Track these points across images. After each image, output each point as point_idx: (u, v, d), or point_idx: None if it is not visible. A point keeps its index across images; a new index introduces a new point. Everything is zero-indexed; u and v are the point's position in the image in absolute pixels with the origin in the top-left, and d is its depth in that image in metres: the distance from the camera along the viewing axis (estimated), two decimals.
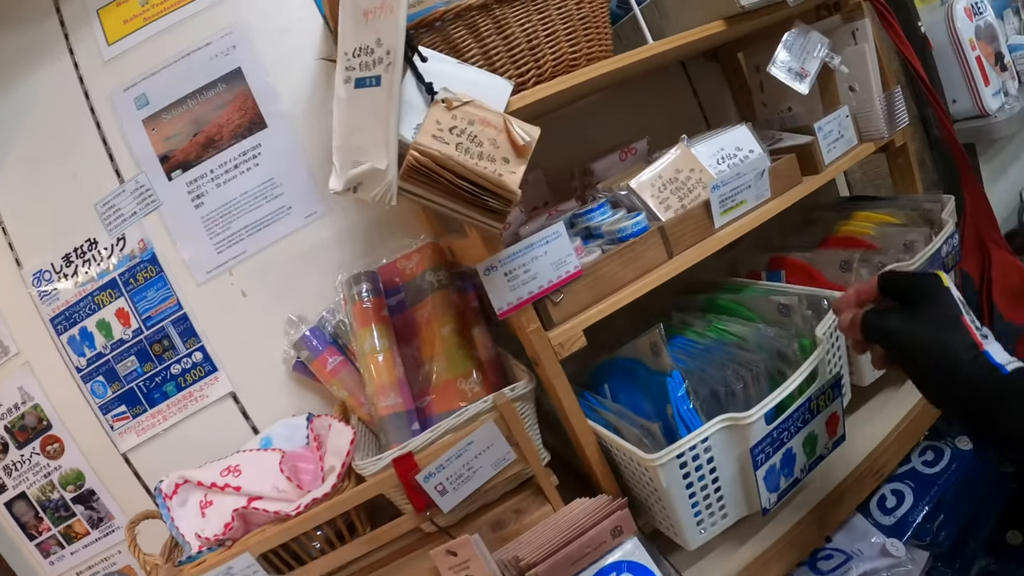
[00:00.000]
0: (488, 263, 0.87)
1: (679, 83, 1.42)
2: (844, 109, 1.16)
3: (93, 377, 1.26)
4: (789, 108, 1.29)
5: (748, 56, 1.36)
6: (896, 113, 1.19)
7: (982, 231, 1.20)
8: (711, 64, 1.43)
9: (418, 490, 0.93)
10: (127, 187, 1.22)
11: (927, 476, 1.19)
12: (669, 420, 0.92)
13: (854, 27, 1.17)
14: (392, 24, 0.79)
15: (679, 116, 1.40)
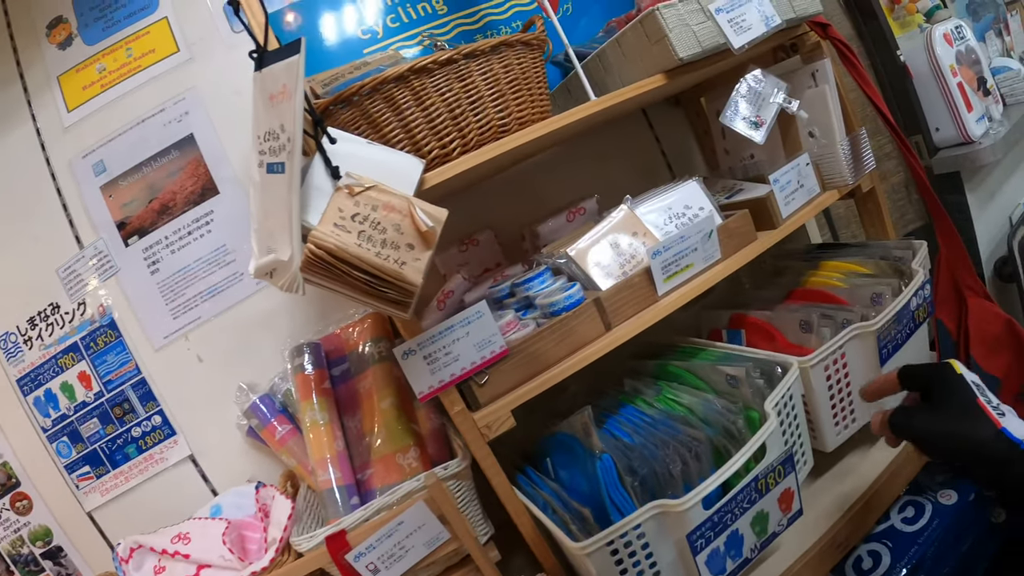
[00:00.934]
0: (406, 347, 0.84)
1: (640, 131, 1.36)
2: (804, 157, 1.09)
3: (58, 437, 1.27)
4: (752, 155, 1.23)
5: (710, 101, 1.29)
6: (862, 157, 1.12)
7: (958, 277, 1.12)
8: (674, 110, 1.37)
9: (349, 570, 0.90)
10: (86, 252, 1.23)
11: (907, 535, 1.11)
12: (605, 504, 0.87)
13: (814, 68, 1.10)
14: (290, 109, 0.76)
15: (641, 165, 1.34)
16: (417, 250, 0.75)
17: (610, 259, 0.98)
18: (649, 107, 1.36)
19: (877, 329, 0.99)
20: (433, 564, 0.98)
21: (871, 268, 1.13)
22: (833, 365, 0.99)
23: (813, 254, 1.26)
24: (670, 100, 1.36)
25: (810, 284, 1.17)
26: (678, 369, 1.06)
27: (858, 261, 1.16)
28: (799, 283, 1.19)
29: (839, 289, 1.13)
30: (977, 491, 1.15)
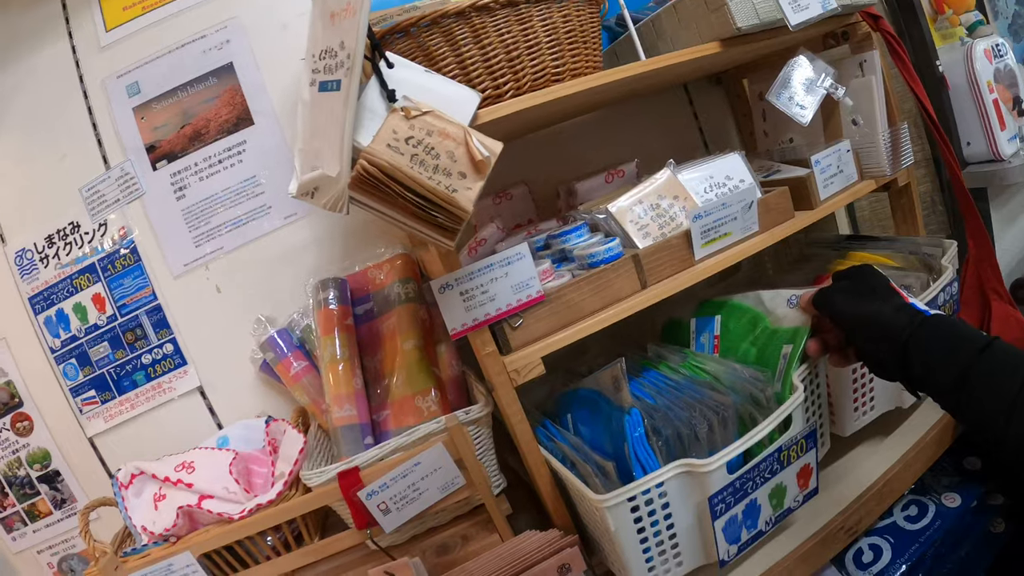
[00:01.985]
0: (444, 280, 0.81)
1: (680, 106, 1.34)
2: (845, 143, 1.08)
3: (66, 359, 1.23)
4: (791, 139, 1.21)
5: (752, 83, 1.28)
6: (901, 151, 1.10)
7: (984, 280, 1.10)
8: (715, 89, 1.35)
9: (360, 507, 0.87)
10: (112, 173, 1.19)
11: (908, 532, 1.10)
12: (626, 459, 0.85)
13: (862, 58, 1.09)
14: (353, 26, 0.73)
15: (678, 140, 1.32)
16: (469, 179, 0.72)
17: (649, 219, 0.96)
18: (690, 83, 1.34)
19: None
20: (442, 511, 0.96)
21: (900, 262, 1.12)
22: None
23: (842, 244, 1.25)
24: (711, 78, 1.34)
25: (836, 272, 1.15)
26: None
27: (887, 254, 1.14)
28: (826, 270, 1.17)
29: None
30: (979, 497, 1.14)
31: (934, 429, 1.04)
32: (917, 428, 1.05)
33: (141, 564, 0.94)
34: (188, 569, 0.94)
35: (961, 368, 0.66)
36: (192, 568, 0.94)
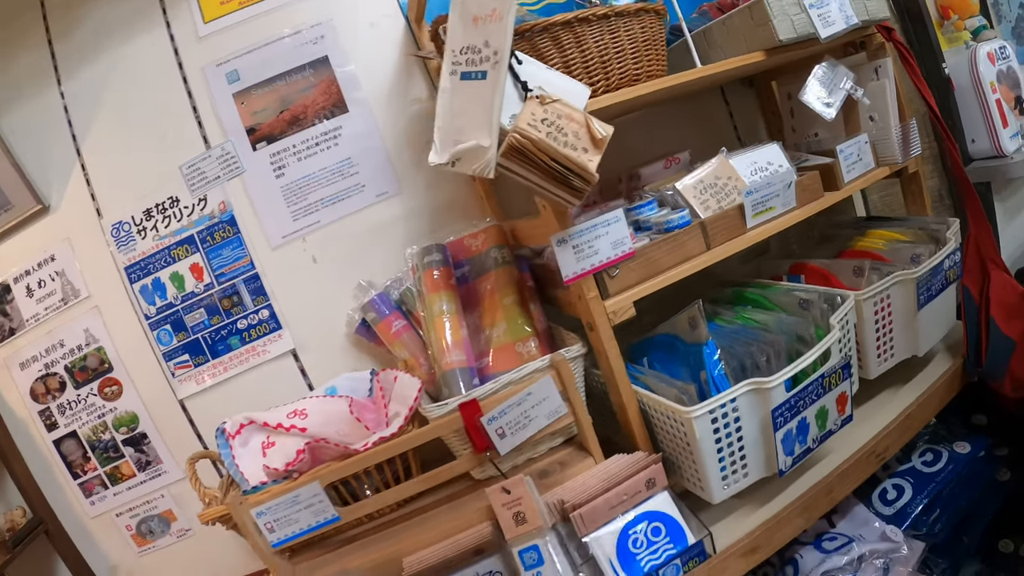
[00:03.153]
0: (561, 235, 1.16)
1: (717, 106, 1.75)
2: (864, 136, 1.47)
3: (160, 325, 1.54)
4: (815, 133, 1.61)
5: (781, 85, 1.68)
6: (910, 142, 1.51)
7: (983, 252, 1.49)
8: (747, 91, 1.76)
9: (480, 432, 1.19)
10: (213, 153, 1.51)
11: (926, 474, 1.50)
12: (702, 385, 1.20)
13: (877, 64, 1.49)
14: (501, 30, 1.08)
15: (715, 135, 1.72)
16: (591, 153, 1.08)
17: (708, 195, 1.33)
18: (726, 85, 1.74)
19: (917, 277, 1.36)
20: (542, 440, 1.29)
21: (911, 236, 1.52)
22: (881, 303, 1.36)
23: (861, 224, 1.65)
24: (744, 81, 1.75)
25: (857, 247, 1.55)
26: (753, 294, 1.41)
27: (899, 231, 1.54)
28: (847, 246, 1.56)
29: (883, 251, 1.51)
30: (986, 448, 1.53)
31: (945, 375, 1.45)
32: (931, 374, 1.47)
33: (266, 498, 1.22)
34: (315, 499, 1.23)
35: None
36: (319, 498, 1.23)
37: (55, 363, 1.60)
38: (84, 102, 1.55)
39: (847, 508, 1.47)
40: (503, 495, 1.18)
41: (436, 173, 1.55)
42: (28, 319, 1.61)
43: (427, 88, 1.56)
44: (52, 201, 1.58)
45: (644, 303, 1.22)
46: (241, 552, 1.68)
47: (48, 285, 1.58)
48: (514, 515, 1.16)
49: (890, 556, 1.36)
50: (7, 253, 1.61)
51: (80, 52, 1.54)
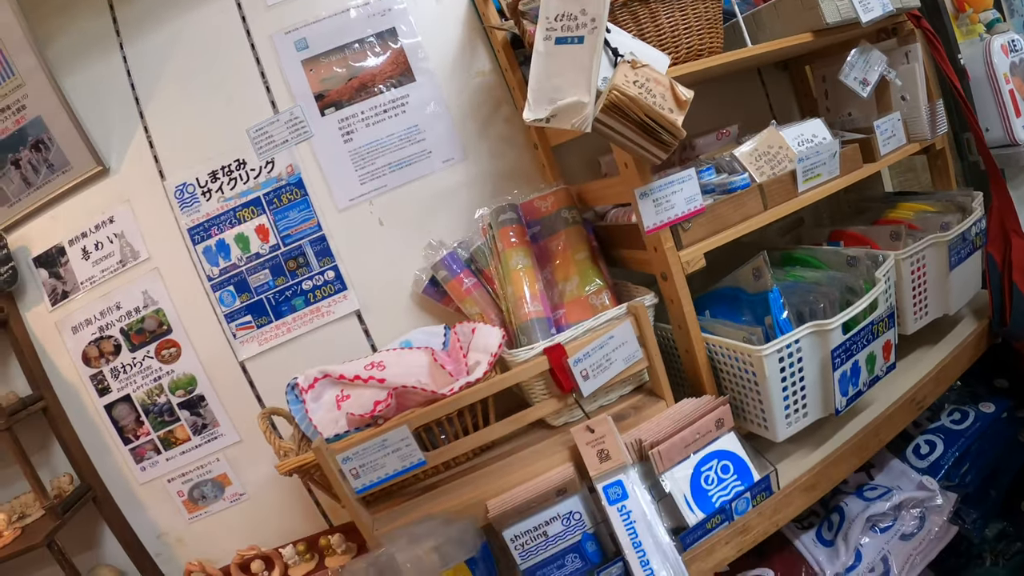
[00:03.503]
0: (643, 189, 1.32)
1: (755, 87, 1.95)
2: (896, 114, 1.68)
3: (223, 287, 1.65)
4: (849, 113, 1.81)
5: (816, 68, 1.89)
6: (938, 121, 1.72)
7: (1006, 222, 1.70)
8: (782, 73, 1.96)
9: (567, 373, 1.33)
10: (281, 117, 1.63)
11: (955, 431, 1.70)
12: (768, 330, 1.37)
13: (907, 49, 1.70)
14: None
15: (752, 114, 1.91)
16: (675, 113, 1.24)
17: (763, 162, 1.51)
18: (763, 69, 1.94)
19: (949, 240, 1.57)
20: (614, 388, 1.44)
21: (938, 207, 1.72)
22: (917, 263, 1.55)
23: (890, 198, 1.86)
24: (779, 64, 1.95)
25: (889, 217, 1.75)
26: (802, 254, 1.60)
27: (927, 203, 1.75)
28: (879, 216, 1.76)
29: (913, 220, 1.71)
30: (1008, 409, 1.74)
31: (973, 334, 1.67)
32: (960, 333, 1.68)
33: (350, 444, 1.33)
34: (402, 443, 1.34)
35: None
36: (406, 442, 1.34)
37: (110, 326, 1.69)
38: (148, 67, 1.66)
39: (884, 462, 1.67)
40: (588, 433, 1.32)
41: (499, 141, 1.71)
42: (83, 282, 1.70)
43: (490, 61, 1.71)
44: (112, 163, 1.68)
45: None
46: (293, 517, 1.79)
47: (106, 247, 1.68)
48: (598, 452, 1.30)
49: (926, 505, 1.56)
50: (63, 215, 1.71)
51: (143, 19, 1.66)
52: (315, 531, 1.80)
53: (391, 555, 1.24)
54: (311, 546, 1.72)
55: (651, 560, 1.22)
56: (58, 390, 1.74)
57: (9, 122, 1.65)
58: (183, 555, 1.85)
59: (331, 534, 1.68)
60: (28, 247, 1.74)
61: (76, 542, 1.82)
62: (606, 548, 1.31)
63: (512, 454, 1.45)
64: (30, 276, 1.75)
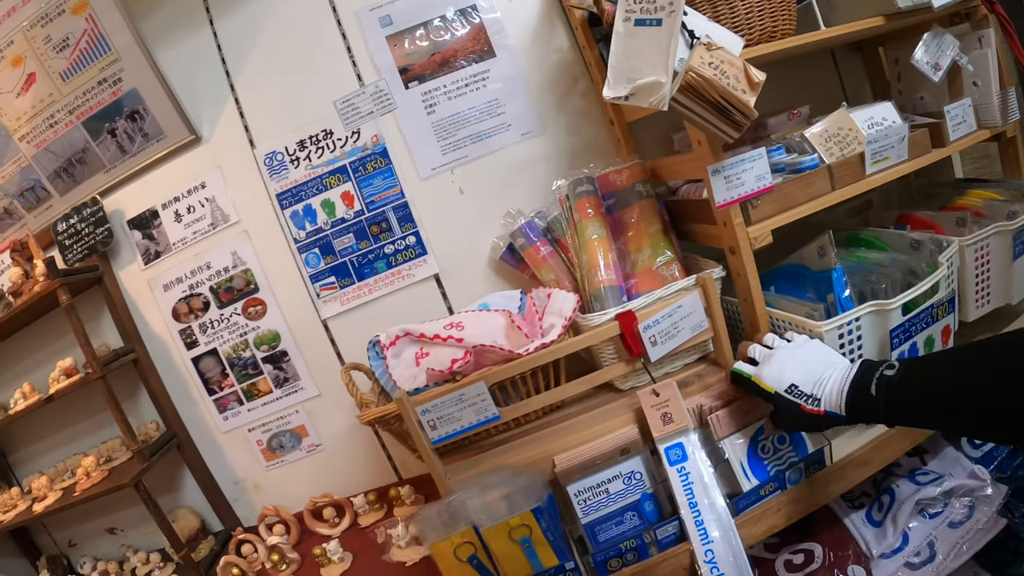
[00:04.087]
0: (716, 166, 1.52)
1: (828, 69, 2.13)
2: (967, 100, 1.85)
3: (309, 249, 1.90)
4: (921, 97, 1.99)
5: (889, 50, 2.06)
6: (1009, 108, 1.89)
7: None
8: (855, 55, 2.14)
9: (637, 338, 1.55)
10: (367, 89, 1.87)
11: None
12: (829, 307, 1.57)
13: (981, 34, 1.86)
14: None
15: (825, 96, 2.09)
16: (748, 94, 1.44)
17: (832, 143, 1.70)
18: (836, 51, 2.12)
19: (1014, 229, 1.73)
20: (680, 356, 1.65)
21: (1007, 196, 1.89)
22: (981, 251, 1.72)
23: (961, 185, 2.03)
24: (853, 46, 2.13)
25: (957, 203, 1.93)
26: (867, 235, 1.78)
27: (996, 191, 1.92)
28: (948, 202, 1.94)
29: (980, 207, 1.88)
30: None
31: None
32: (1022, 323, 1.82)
33: (429, 397, 1.56)
34: (478, 398, 1.57)
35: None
36: (482, 397, 1.56)
37: (200, 284, 1.97)
38: (237, 41, 1.92)
39: (938, 449, 1.81)
40: (653, 397, 1.53)
41: (576, 116, 1.92)
42: (175, 243, 1.98)
43: (568, 39, 1.91)
44: (204, 132, 1.95)
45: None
46: (365, 469, 2.06)
47: (197, 211, 1.95)
48: (662, 415, 1.51)
49: (976, 495, 1.67)
50: (157, 180, 2.00)
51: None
52: (386, 483, 2.07)
53: (463, 501, 1.45)
54: (381, 496, 2.00)
55: (705, 520, 1.41)
56: (148, 343, 2.05)
57: (106, 94, 1.92)
58: (259, 500, 2.16)
59: (401, 486, 1.95)
60: (123, 210, 2.03)
61: (159, 485, 2.13)
62: (663, 509, 1.50)
63: (580, 414, 1.66)
64: (124, 237, 2.04)
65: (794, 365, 1.40)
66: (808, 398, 1.32)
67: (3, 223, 2.13)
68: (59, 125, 1.95)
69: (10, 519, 2.10)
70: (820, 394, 1.31)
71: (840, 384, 1.28)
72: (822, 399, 1.30)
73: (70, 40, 1.86)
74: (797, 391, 1.34)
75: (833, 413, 1.27)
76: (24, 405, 1.99)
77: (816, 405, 1.30)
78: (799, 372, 1.37)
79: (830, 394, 1.29)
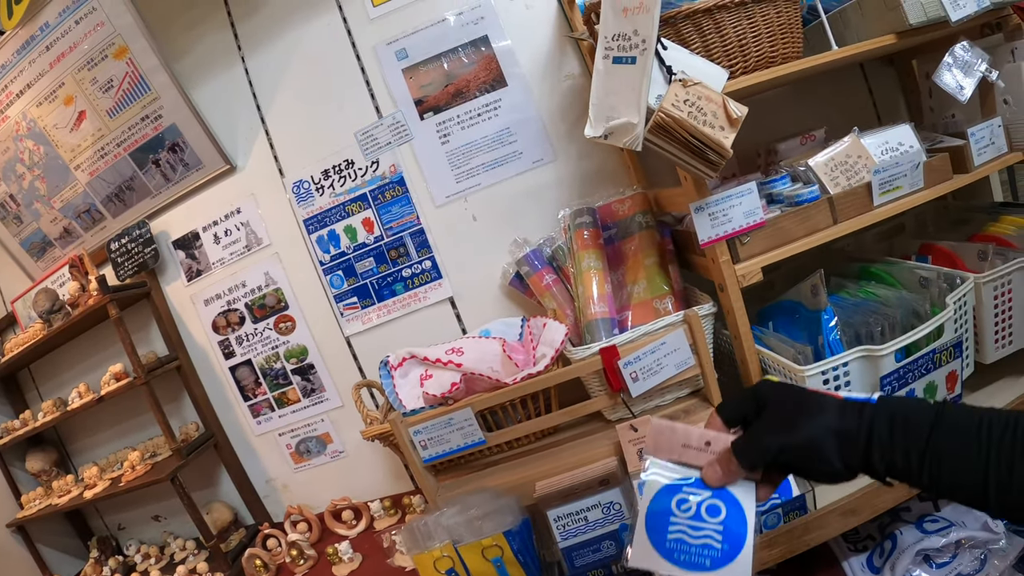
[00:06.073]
0: (699, 203, 1.50)
1: (857, 83, 2.05)
2: (997, 119, 1.73)
3: (333, 271, 2.02)
4: (952, 114, 1.87)
5: (921, 64, 1.95)
6: None
7: None
8: (887, 69, 2.04)
9: (617, 373, 1.56)
10: (385, 121, 1.95)
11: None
12: (819, 349, 1.52)
13: (1014, 46, 1.73)
14: (648, 21, 1.41)
15: (854, 112, 2.01)
16: (727, 131, 1.41)
17: (838, 172, 1.64)
18: (866, 63, 2.02)
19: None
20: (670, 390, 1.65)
21: None
22: (1001, 287, 1.62)
23: (995, 209, 1.90)
24: (884, 59, 2.02)
25: (988, 231, 1.81)
26: (878, 269, 1.71)
27: None
28: (979, 230, 1.83)
29: (1012, 236, 1.76)
30: None
31: None
32: None
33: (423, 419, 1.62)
34: (466, 423, 1.63)
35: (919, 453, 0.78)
36: (469, 422, 1.62)
37: (236, 300, 2.13)
38: (266, 77, 2.05)
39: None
40: (631, 432, 1.54)
41: (587, 144, 1.90)
42: (214, 262, 2.15)
43: (579, 65, 1.93)
44: (239, 162, 2.10)
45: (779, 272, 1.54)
46: (384, 476, 2.19)
47: (234, 234, 2.11)
48: (639, 451, 1.52)
49: (988, 547, 1.57)
50: (198, 206, 2.16)
51: (259, 34, 2.04)
52: (401, 491, 2.20)
53: (444, 517, 1.54)
54: (395, 503, 2.14)
55: None
56: (191, 352, 2.25)
57: (148, 129, 2.09)
58: (287, 499, 2.34)
59: (414, 495, 2.07)
60: (168, 232, 2.22)
61: (196, 480, 2.36)
62: None
63: (570, 441, 1.71)
64: (169, 256, 2.23)
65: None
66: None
67: (64, 240, 2.36)
68: (109, 156, 2.14)
69: (64, 503, 2.37)
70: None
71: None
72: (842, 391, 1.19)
73: (114, 81, 2.03)
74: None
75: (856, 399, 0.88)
76: (79, 403, 2.23)
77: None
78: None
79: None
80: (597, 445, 1.62)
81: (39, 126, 2.18)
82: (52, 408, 2.36)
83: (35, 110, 2.16)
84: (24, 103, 2.17)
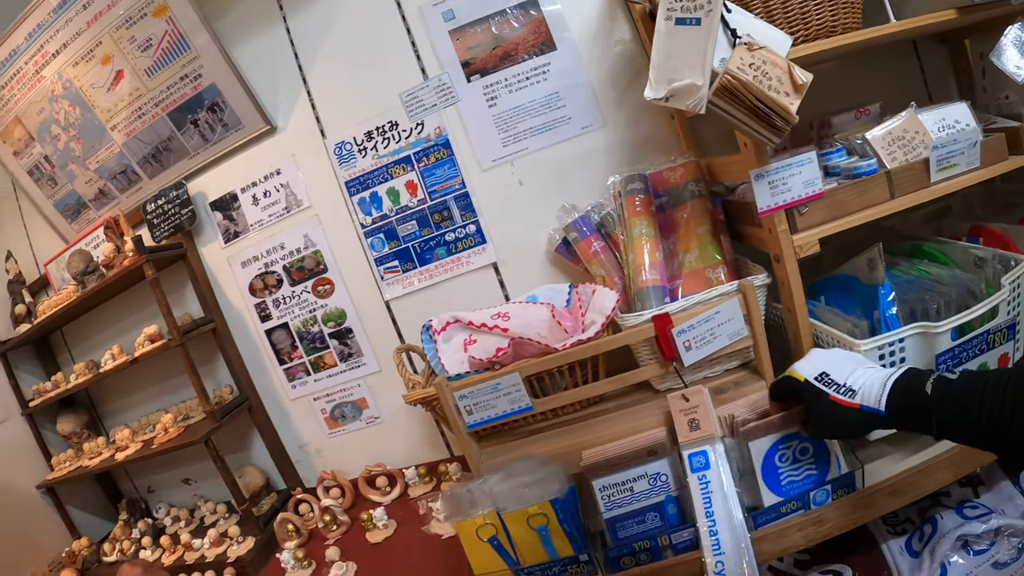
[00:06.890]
0: (759, 171, 1.48)
1: (909, 60, 2.03)
2: None
3: (375, 234, 2.00)
4: (1006, 96, 1.85)
5: (974, 43, 1.93)
6: None
7: None
8: (940, 47, 2.01)
9: (670, 341, 1.55)
10: (430, 83, 1.92)
11: None
12: (875, 324, 1.51)
13: None
14: None
15: (905, 89, 1.98)
16: (791, 96, 1.39)
17: (896, 147, 1.62)
18: (919, 41, 2.00)
19: None
20: (720, 360, 1.63)
21: None
22: None
23: None
24: (937, 37, 2.00)
25: None
26: (931, 248, 1.70)
27: None
28: None
29: None
30: None
31: None
32: None
33: (467, 383, 1.60)
34: (513, 388, 1.61)
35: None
36: (517, 387, 1.61)
37: (274, 263, 2.12)
38: (309, 37, 2.03)
39: (994, 482, 1.67)
40: (682, 401, 1.52)
41: (637, 110, 1.91)
42: (252, 224, 2.14)
43: (631, 30, 1.90)
44: (279, 122, 2.09)
45: (832, 245, 1.52)
46: (418, 443, 2.19)
47: (273, 195, 2.09)
48: (689, 421, 1.49)
49: None
50: (236, 167, 2.15)
51: None
52: (436, 458, 2.19)
53: (488, 484, 1.52)
54: (431, 470, 2.12)
55: (720, 531, 1.37)
56: (226, 315, 2.24)
57: (188, 88, 2.07)
58: (320, 464, 2.34)
59: (450, 463, 2.06)
60: (206, 193, 2.21)
61: (230, 444, 2.35)
62: (687, 513, 1.48)
63: (617, 411, 1.69)
64: (206, 218, 2.22)
65: (830, 357, 1.36)
66: (839, 387, 1.26)
67: (99, 202, 2.35)
68: (147, 116, 2.12)
69: (95, 464, 2.37)
70: (856, 385, 1.24)
71: (883, 380, 1.20)
72: (858, 392, 1.22)
73: (152, 40, 2.01)
74: (828, 379, 1.29)
75: (870, 409, 1.18)
76: (112, 365, 2.23)
77: (850, 397, 1.23)
78: (833, 364, 1.33)
79: (869, 387, 1.21)
80: (644, 415, 1.61)
81: (75, 86, 2.16)
82: (84, 370, 2.35)
83: (71, 70, 2.14)
84: (60, 63, 2.15)
